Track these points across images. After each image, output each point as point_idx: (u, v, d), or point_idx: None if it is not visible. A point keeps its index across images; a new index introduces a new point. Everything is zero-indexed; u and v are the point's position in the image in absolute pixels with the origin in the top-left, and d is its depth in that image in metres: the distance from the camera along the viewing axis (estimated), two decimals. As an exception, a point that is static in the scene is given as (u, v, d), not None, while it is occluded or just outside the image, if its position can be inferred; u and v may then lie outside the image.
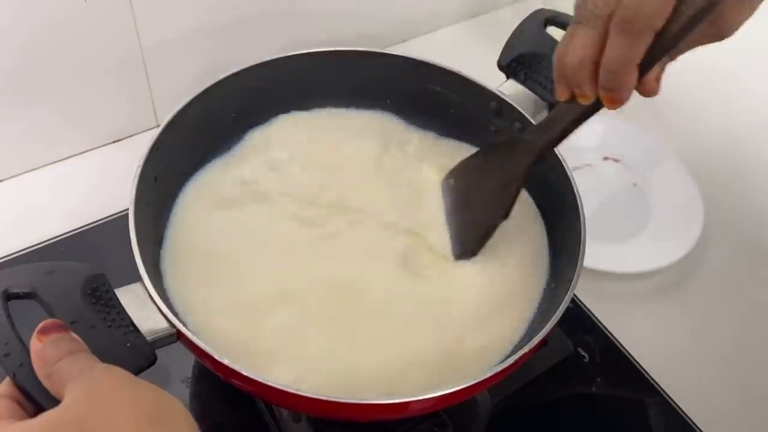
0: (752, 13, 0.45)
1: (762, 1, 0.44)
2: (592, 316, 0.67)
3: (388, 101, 0.66)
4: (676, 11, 0.40)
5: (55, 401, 0.36)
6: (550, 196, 0.59)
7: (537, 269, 0.57)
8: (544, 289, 0.57)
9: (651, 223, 0.74)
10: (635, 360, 0.65)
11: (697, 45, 0.45)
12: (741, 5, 0.44)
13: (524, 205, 0.60)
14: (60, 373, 0.37)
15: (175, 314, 0.50)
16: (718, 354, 0.67)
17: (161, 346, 0.45)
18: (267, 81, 0.62)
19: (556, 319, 0.48)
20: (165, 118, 0.56)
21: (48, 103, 0.71)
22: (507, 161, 0.54)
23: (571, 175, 0.55)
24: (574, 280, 0.50)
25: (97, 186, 0.74)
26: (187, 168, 0.61)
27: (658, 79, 0.43)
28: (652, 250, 0.71)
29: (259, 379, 0.43)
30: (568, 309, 0.48)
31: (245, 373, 0.43)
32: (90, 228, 0.70)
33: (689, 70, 0.91)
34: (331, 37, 0.83)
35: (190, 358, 0.60)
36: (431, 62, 0.63)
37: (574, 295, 0.50)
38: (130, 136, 0.78)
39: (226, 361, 0.43)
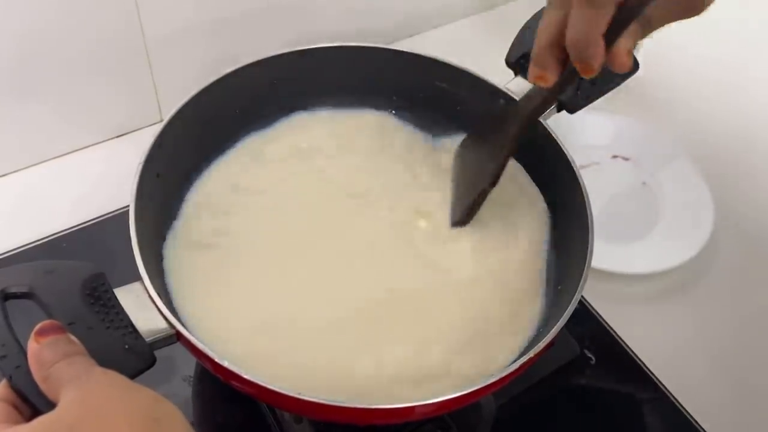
0: None
1: None
2: (600, 318, 0.66)
3: (394, 97, 0.65)
4: None
5: (51, 405, 0.36)
6: (558, 195, 0.58)
7: (540, 263, 0.57)
8: (546, 289, 0.56)
9: (660, 223, 0.73)
10: (642, 362, 0.64)
11: (670, 21, 0.45)
12: None
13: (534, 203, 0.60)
14: (56, 377, 0.36)
15: (177, 314, 0.50)
16: (727, 356, 0.66)
17: (161, 347, 0.44)
18: (271, 76, 0.62)
19: (563, 322, 0.47)
20: (168, 114, 0.55)
21: (51, 97, 0.70)
22: (497, 131, 0.55)
23: (579, 174, 0.55)
24: (581, 282, 0.49)
25: (101, 181, 0.73)
26: (191, 164, 0.60)
27: (629, 53, 0.44)
28: (661, 250, 0.70)
29: (259, 382, 0.42)
30: (574, 310, 0.47)
31: (245, 376, 0.42)
32: (94, 223, 0.70)
33: (700, 67, 0.91)
34: (337, 31, 0.82)
35: (192, 357, 0.59)
36: (438, 58, 0.62)
37: (582, 296, 0.49)
38: (135, 130, 0.78)
39: (225, 363, 0.43)
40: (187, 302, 0.52)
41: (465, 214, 0.57)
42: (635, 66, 0.61)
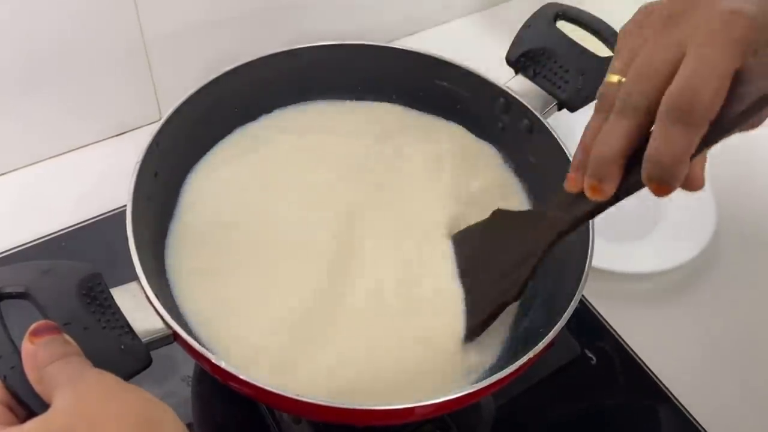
0: None
1: None
2: (600, 318, 0.66)
3: (394, 96, 0.65)
4: (734, 97, 0.36)
5: (46, 406, 0.35)
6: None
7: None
8: (546, 288, 0.55)
9: (662, 222, 0.72)
10: (644, 363, 0.63)
11: (733, 134, 0.40)
12: None
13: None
14: (51, 378, 0.36)
15: (177, 314, 0.49)
16: (730, 357, 0.65)
17: (158, 348, 0.44)
18: (270, 75, 0.61)
19: (564, 322, 0.47)
20: (166, 113, 0.54)
21: (50, 96, 0.70)
22: (525, 235, 0.49)
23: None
24: (582, 281, 0.49)
25: (101, 180, 0.73)
26: (189, 163, 0.60)
27: (703, 171, 0.40)
28: (662, 249, 0.69)
29: (257, 383, 0.42)
30: (575, 310, 0.47)
31: (243, 377, 0.42)
32: (93, 222, 0.69)
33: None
34: (336, 30, 0.82)
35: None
36: (438, 56, 0.62)
37: (582, 295, 0.48)
38: (135, 129, 0.77)
39: (222, 364, 0.42)
40: (188, 301, 0.52)
41: (480, 327, 0.51)
42: None
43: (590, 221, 0.51)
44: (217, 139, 0.61)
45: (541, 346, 0.45)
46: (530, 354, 0.45)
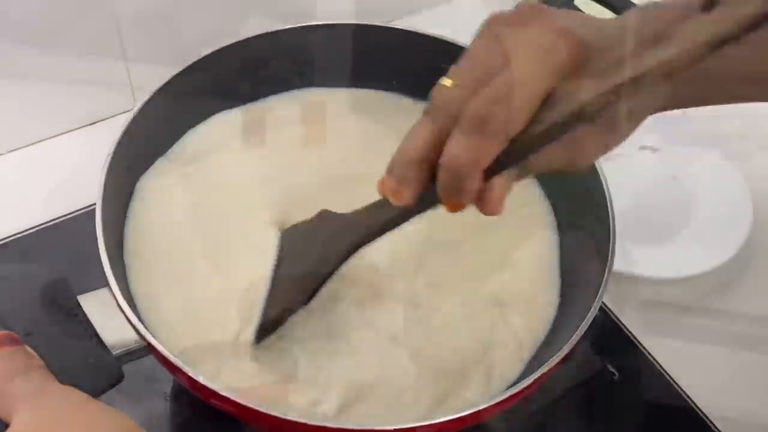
0: (608, 149, 0.44)
1: (618, 144, 0.44)
2: (624, 328, 0.66)
3: (394, 81, 0.65)
4: (538, 117, 0.38)
5: (5, 425, 0.35)
6: (574, 191, 0.57)
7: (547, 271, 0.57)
8: (561, 295, 0.55)
9: (693, 222, 0.73)
10: (672, 378, 0.63)
11: (549, 170, 0.43)
12: (599, 135, 0.43)
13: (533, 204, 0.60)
14: (10, 393, 0.36)
15: (146, 323, 0.49)
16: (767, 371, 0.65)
17: (131, 361, 0.44)
18: (256, 60, 0.61)
19: (581, 333, 0.47)
20: (140, 101, 0.54)
21: (15, 83, 0.70)
22: (330, 238, 0.49)
23: (600, 168, 0.54)
24: (601, 288, 0.49)
25: (70, 174, 0.73)
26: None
27: (502, 199, 0.40)
28: (693, 252, 0.70)
29: (239, 400, 0.41)
30: (595, 319, 0.47)
31: (224, 393, 0.42)
32: (61, 221, 0.70)
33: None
34: (331, 9, 0.81)
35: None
36: (441, 37, 0.62)
37: (603, 303, 0.48)
38: (107, 118, 0.77)
39: (201, 379, 0.42)
40: (158, 311, 0.51)
41: (262, 332, 0.50)
42: None
43: (611, 222, 0.52)
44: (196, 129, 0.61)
45: (555, 360, 0.45)
46: (543, 369, 0.45)
